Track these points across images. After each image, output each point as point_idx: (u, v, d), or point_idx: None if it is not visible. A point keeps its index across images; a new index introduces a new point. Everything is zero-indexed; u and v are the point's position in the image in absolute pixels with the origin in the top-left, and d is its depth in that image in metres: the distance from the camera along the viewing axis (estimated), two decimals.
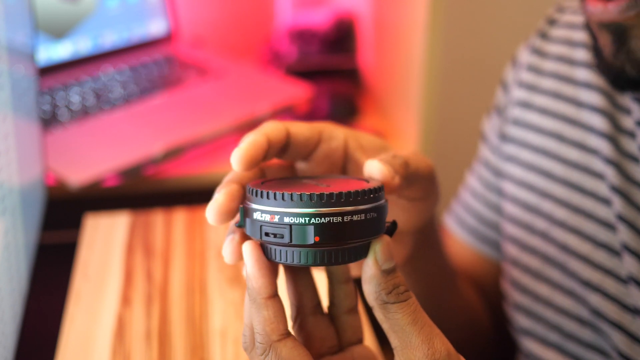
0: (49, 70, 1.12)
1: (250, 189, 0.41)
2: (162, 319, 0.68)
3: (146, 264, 0.77)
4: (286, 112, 1.14)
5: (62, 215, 0.90)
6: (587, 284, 0.61)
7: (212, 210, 0.43)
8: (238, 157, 0.43)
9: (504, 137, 0.72)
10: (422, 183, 0.49)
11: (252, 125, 1.09)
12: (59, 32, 1.12)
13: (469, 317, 0.73)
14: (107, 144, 1.01)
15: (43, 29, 1.10)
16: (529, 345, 0.68)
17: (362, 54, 1.37)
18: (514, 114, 0.71)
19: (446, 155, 1.25)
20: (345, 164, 0.50)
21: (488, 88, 1.51)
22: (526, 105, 0.70)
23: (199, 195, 1.00)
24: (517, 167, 0.69)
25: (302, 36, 1.34)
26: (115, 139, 1.02)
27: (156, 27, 1.26)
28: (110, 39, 1.19)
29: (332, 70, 1.33)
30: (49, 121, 1.02)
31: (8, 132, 0.67)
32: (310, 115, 1.20)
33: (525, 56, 0.72)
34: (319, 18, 1.36)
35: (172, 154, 1.00)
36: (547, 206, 0.65)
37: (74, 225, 0.85)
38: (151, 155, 0.98)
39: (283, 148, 0.46)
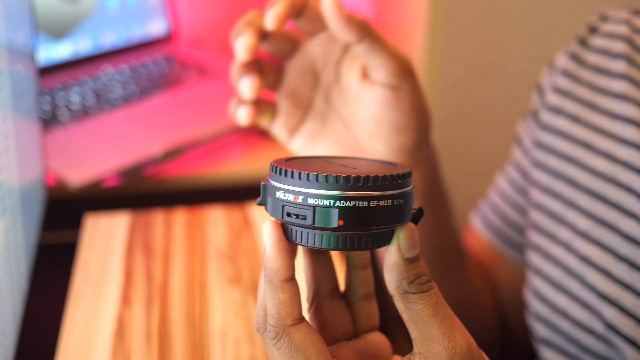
0: (49, 70, 1.12)
1: (274, 167, 0.40)
2: (162, 319, 0.68)
3: (146, 264, 0.77)
4: None
5: (62, 215, 0.90)
6: (604, 297, 0.60)
7: (244, 49, 0.55)
8: (274, 17, 0.54)
9: (536, 143, 0.71)
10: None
11: (251, 125, 1.09)
12: (59, 32, 1.12)
13: (471, 303, 0.73)
14: (107, 144, 1.01)
15: (43, 29, 1.10)
16: (548, 355, 0.67)
17: None
18: (545, 119, 0.70)
19: (446, 154, 1.25)
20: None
21: (488, 88, 1.51)
22: (557, 111, 0.68)
23: (199, 195, 1.00)
24: (543, 174, 0.68)
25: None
26: (115, 139, 1.02)
27: (156, 27, 1.26)
28: (110, 39, 1.19)
29: None
30: (49, 121, 1.02)
31: (8, 132, 0.67)
32: None
33: (562, 61, 0.70)
34: None
35: (172, 154, 1.00)
36: (572, 216, 0.64)
37: (74, 225, 0.85)
38: (151, 155, 0.98)
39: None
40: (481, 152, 1.53)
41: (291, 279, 0.40)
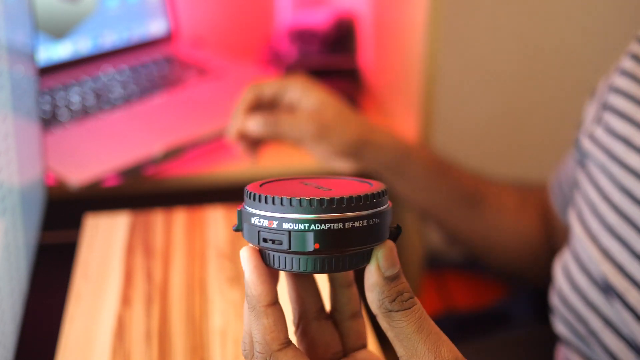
0: (49, 70, 1.12)
1: (248, 193, 0.40)
2: (162, 319, 0.69)
3: (146, 264, 0.77)
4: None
5: (62, 215, 0.90)
6: (612, 289, 0.61)
7: (233, 134, 0.87)
8: (234, 134, 0.86)
9: (586, 133, 0.71)
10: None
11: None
12: (59, 32, 1.12)
13: (496, 237, 0.87)
14: (107, 144, 1.01)
15: (43, 29, 1.10)
16: (561, 329, 0.68)
17: (362, 54, 1.37)
18: (597, 114, 0.70)
19: (446, 154, 1.25)
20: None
21: (487, 87, 1.51)
22: (610, 108, 0.68)
23: (199, 195, 1.00)
24: (592, 165, 0.68)
25: (302, 36, 1.34)
26: (115, 139, 1.02)
27: (156, 27, 1.26)
28: (110, 39, 1.19)
29: (332, 70, 1.33)
30: (49, 121, 1.02)
31: (8, 132, 0.67)
32: None
33: (624, 61, 0.69)
34: (319, 18, 1.36)
35: (172, 154, 1.00)
36: (603, 208, 0.64)
37: (74, 225, 0.85)
38: (151, 155, 0.98)
39: None
40: (481, 151, 1.53)
41: (274, 304, 0.40)
